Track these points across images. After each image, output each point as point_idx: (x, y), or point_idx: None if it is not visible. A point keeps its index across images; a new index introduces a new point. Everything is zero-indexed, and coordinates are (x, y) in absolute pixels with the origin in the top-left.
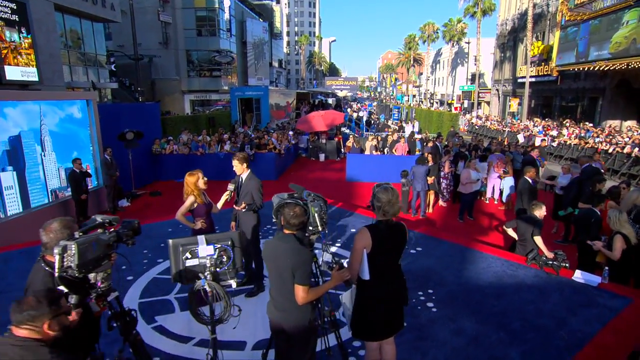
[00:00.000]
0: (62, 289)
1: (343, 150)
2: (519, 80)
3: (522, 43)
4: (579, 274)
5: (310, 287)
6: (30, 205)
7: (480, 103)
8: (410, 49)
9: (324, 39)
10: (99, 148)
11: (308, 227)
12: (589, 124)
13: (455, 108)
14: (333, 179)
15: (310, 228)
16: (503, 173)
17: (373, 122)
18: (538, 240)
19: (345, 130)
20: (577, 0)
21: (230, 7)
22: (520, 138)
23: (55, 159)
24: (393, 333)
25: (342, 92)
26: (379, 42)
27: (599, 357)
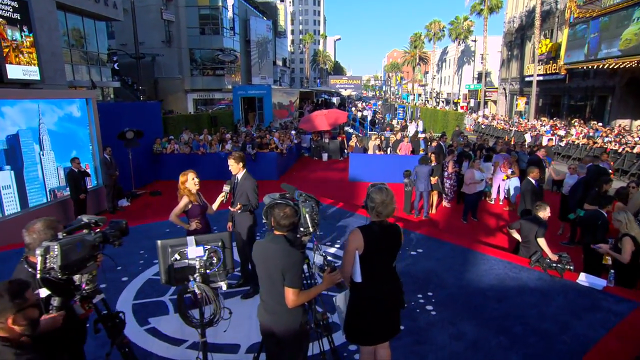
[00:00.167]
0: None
1: (346, 150)
2: (527, 79)
3: (529, 41)
4: (584, 277)
5: (301, 289)
6: (29, 205)
7: (487, 102)
8: (416, 48)
9: (329, 38)
10: (99, 147)
11: (299, 228)
12: (598, 124)
13: (462, 107)
14: (335, 179)
15: (302, 229)
16: (511, 174)
17: (378, 121)
18: (542, 242)
19: (349, 130)
20: None
21: (234, 5)
22: (528, 138)
23: (54, 158)
24: (388, 337)
25: (346, 91)
26: (385, 40)
27: None
